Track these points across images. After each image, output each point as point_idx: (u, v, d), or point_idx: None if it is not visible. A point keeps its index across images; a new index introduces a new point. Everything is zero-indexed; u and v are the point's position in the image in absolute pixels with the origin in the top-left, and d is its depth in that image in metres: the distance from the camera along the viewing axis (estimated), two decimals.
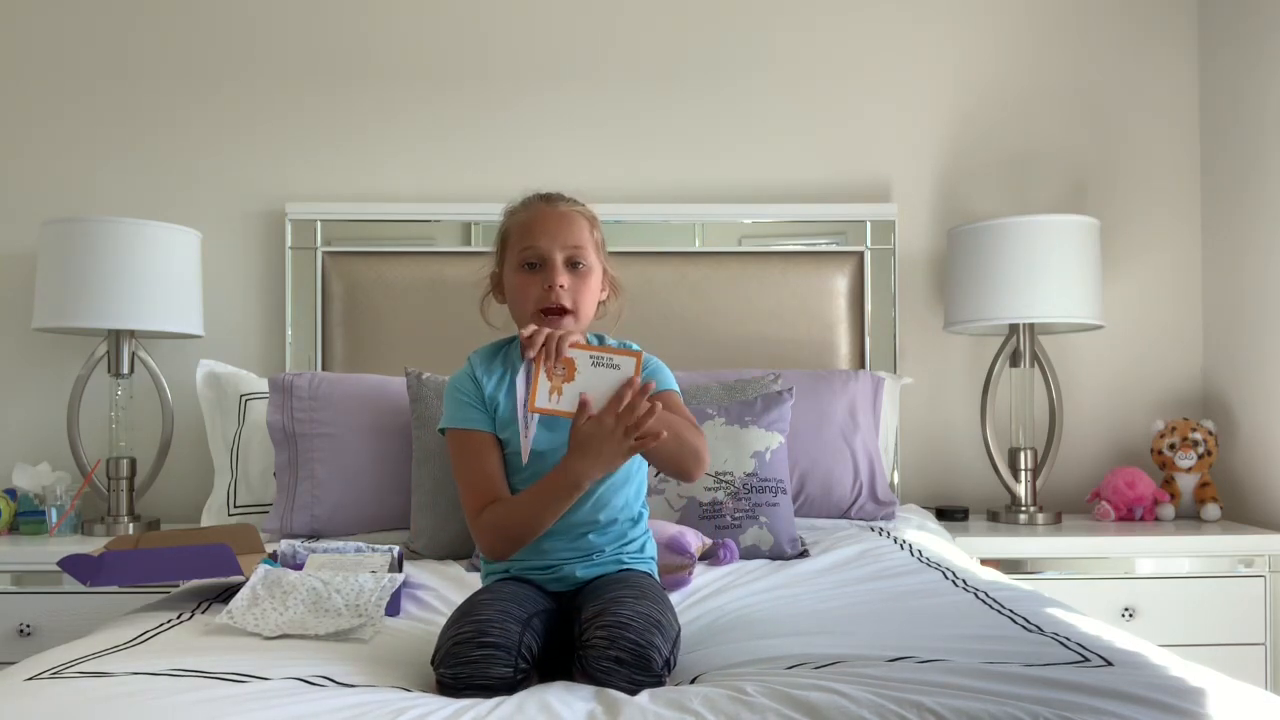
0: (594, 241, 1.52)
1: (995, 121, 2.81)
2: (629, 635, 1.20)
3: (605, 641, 1.20)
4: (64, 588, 2.23)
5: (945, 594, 1.58)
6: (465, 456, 1.46)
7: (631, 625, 1.21)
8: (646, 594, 1.31)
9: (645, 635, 1.21)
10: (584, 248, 1.49)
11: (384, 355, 2.61)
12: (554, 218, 1.50)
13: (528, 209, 1.52)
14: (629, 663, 1.19)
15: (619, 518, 1.48)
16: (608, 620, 1.23)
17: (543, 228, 1.48)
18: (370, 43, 2.78)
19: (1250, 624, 2.31)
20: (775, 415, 2.14)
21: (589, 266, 1.49)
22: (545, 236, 1.48)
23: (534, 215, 1.50)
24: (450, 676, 1.19)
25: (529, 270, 1.48)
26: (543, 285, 1.46)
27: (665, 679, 1.23)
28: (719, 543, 1.95)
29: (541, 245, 1.47)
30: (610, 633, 1.21)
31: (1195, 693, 1.03)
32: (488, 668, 1.18)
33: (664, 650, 1.22)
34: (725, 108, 2.79)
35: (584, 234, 1.50)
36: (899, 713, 0.99)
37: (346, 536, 2.14)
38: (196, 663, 1.21)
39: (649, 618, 1.24)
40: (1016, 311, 2.48)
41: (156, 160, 2.75)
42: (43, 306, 2.41)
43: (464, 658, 1.19)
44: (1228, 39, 2.70)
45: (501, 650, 1.20)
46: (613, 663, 1.19)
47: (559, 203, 1.52)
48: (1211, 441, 2.59)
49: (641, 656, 1.19)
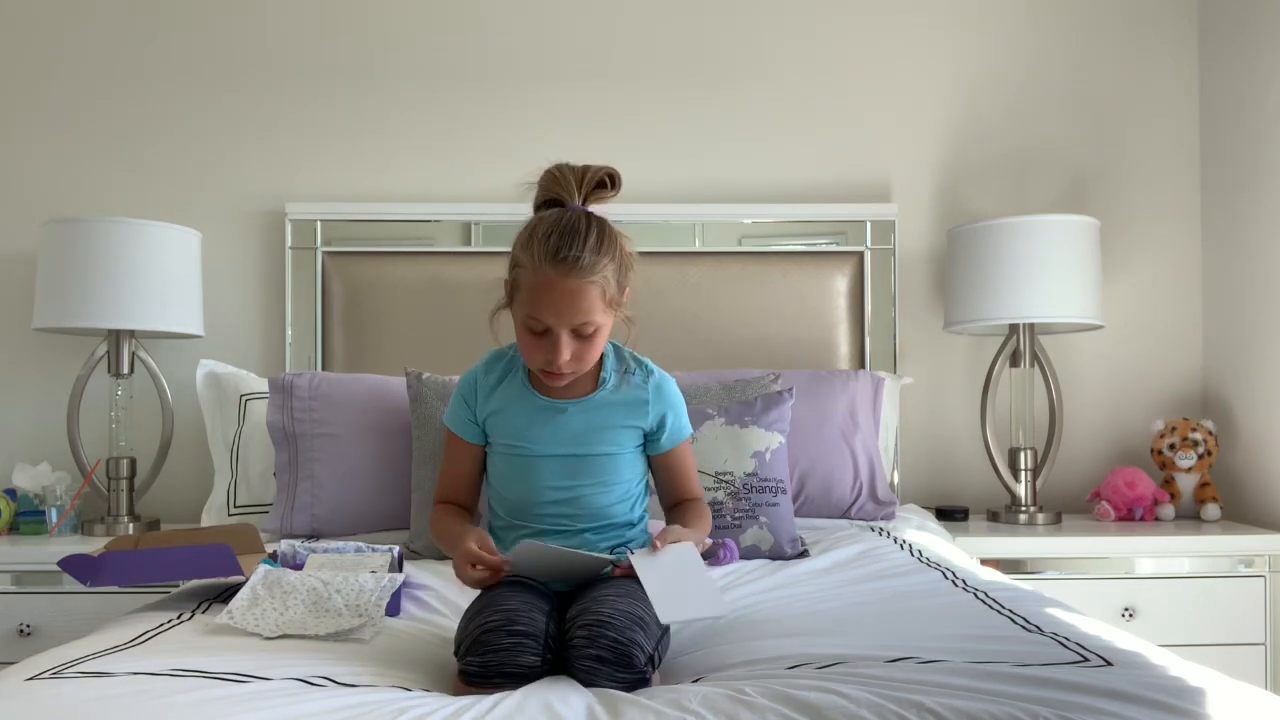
0: (606, 301, 1.39)
1: (995, 121, 2.81)
2: (609, 634, 1.20)
3: (585, 640, 1.20)
4: (64, 588, 2.24)
5: (945, 594, 1.58)
6: (446, 451, 1.58)
7: (612, 623, 1.21)
8: (630, 591, 1.31)
9: (626, 633, 1.21)
10: (593, 318, 1.38)
11: (384, 355, 2.61)
12: (563, 294, 1.36)
13: (537, 272, 1.36)
14: (610, 661, 1.19)
15: (619, 523, 1.50)
16: (588, 619, 1.23)
17: (550, 303, 1.36)
18: (370, 43, 2.78)
19: (1250, 624, 2.31)
20: (775, 415, 2.14)
21: (598, 328, 1.40)
22: (552, 313, 1.37)
23: (542, 284, 1.36)
24: (479, 665, 1.19)
25: (534, 332, 1.41)
26: (547, 352, 1.40)
27: (650, 675, 1.23)
28: (719, 543, 1.95)
29: (548, 320, 1.38)
30: (591, 631, 1.21)
31: (1195, 692, 1.03)
32: (518, 655, 1.19)
33: (646, 647, 1.22)
34: (725, 107, 2.79)
35: (594, 305, 1.38)
36: (899, 713, 0.99)
37: (346, 536, 2.14)
38: (196, 663, 1.21)
39: (630, 615, 1.24)
40: (1016, 311, 2.48)
41: (156, 160, 2.75)
42: (43, 306, 2.41)
43: (494, 645, 1.19)
44: (1228, 39, 2.70)
45: (530, 639, 1.20)
46: (594, 661, 1.19)
47: (572, 271, 1.35)
48: (1211, 441, 2.59)
49: (623, 654, 1.19)
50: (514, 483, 1.50)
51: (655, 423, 1.52)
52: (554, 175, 1.47)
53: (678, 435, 1.55)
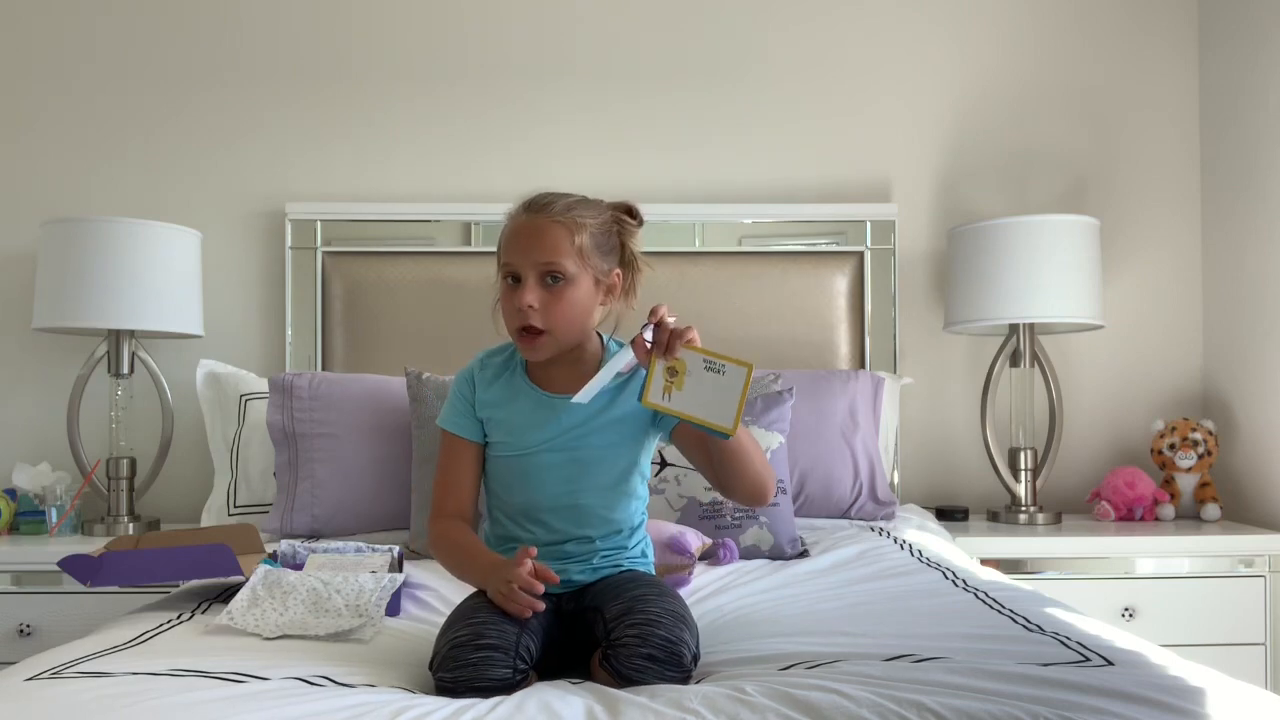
0: (576, 249, 1.38)
1: (995, 121, 2.81)
2: (660, 633, 1.21)
3: (637, 640, 1.21)
4: (64, 588, 2.23)
5: (945, 594, 1.58)
6: (445, 456, 1.50)
7: (661, 622, 1.23)
8: (666, 592, 1.33)
9: (675, 631, 1.23)
10: (559, 260, 1.37)
11: (384, 355, 2.61)
12: (527, 231, 1.39)
13: (512, 220, 1.42)
14: (661, 659, 1.20)
15: (622, 528, 1.48)
16: (637, 619, 1.24)
17: (515, 242, 1.39)
18: (370, 43, 2.77)
19: (1250, 624, 2.31)
20: (775, 415, 2.14)
21: (569, 278, 1.38)
22: (518, 252, 1.39)
23: (514, 229, 1.41)
24: (450, 680, 1.19)
25: (510, 286, 1.41)
26: (517, 304, 1.38)
27: (693, 674, 1.24)
28: (719, 543, 1.95)
29: (514, 261, 1.39)
30: (642, 631, 1.22)
31: (1195, 692, 1.03)
32: (487, 670, 1.19)
33: (692, 645, 1.24)
34: (725, 107, 2.79)
35: (560, 245, 1.37)
36: (899, 712, 0.99)
37: (346, 536, 2.14)
38: (196, 663, 1.21)
39: (675, 614, 1.26)
40: (1016, 311, 2.48)
41: (156, 160, 2.75)
42: (43, 306, 2.41)
43: (463, 661, 1.19)
44: (1228, 39, 2.70)
45: (499, 652, 1.20)
46: (645, 660, 1.20)
47: (541, 212, 1.39)
48: (1211, 441, 2.58)
49: (673, 653, 1.21)
50: (516, 487, 1.47)
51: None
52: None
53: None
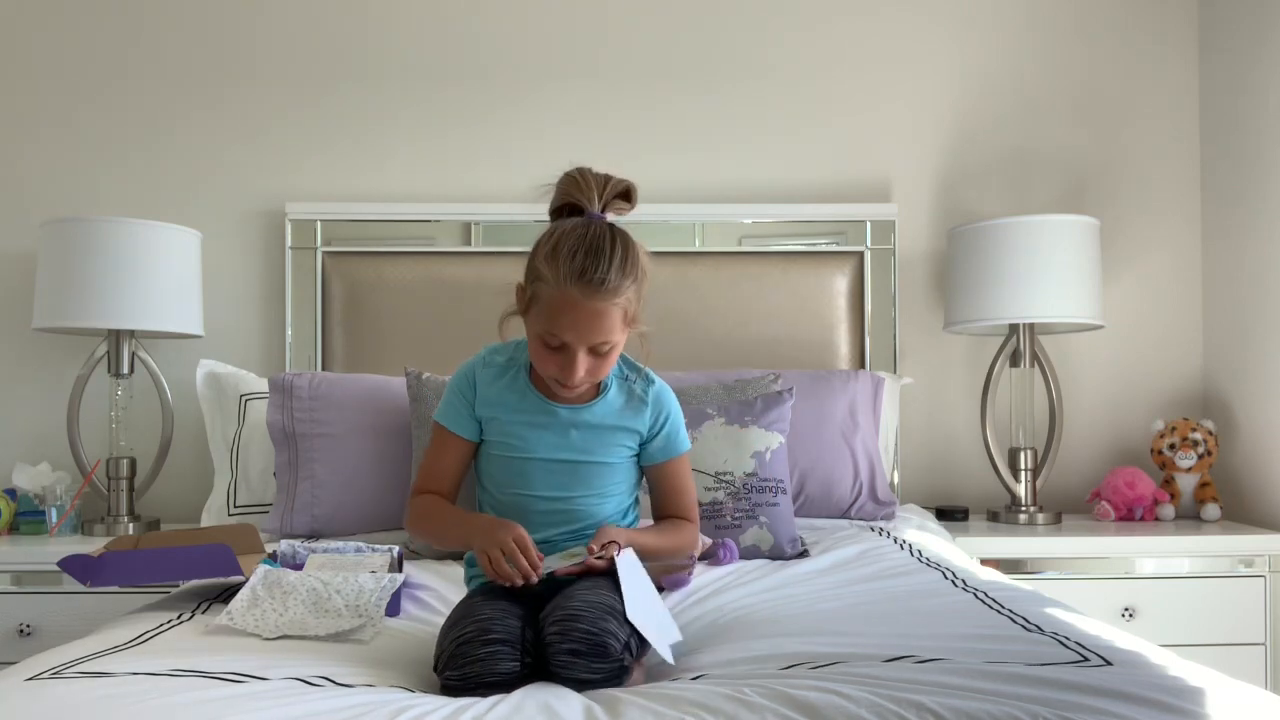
0: (624, 321, 1.38)
1: (995, 122, 2.81)
2: (580, 626, 1.20)
3: (559, 636, 1.20)
4: (64, 588, 2.24)
5: (945, 594, 1.58)
6: (434, 447, 1.53)
7: (582, 615, 1.21)
8: (602, 584, 1.31)
9: (598, 623, 1.20)
10: (611, 339, 1.37)
11: (384, 355, 2.61)
12: (585, 316, 1.34)
13: (560, 290, 1.33)
14: (585, 652, 1.19)
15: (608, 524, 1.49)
16: (558, 615, 1.23)
17: (571, 323, 1.34)
18: (370, 43, 2.78)
19: (1250, 624, 2.31)
20: (775, 415, 2.14)
21: (614, 345, 1.39)
22: (572, 332, 1.35)
23: (565, 303, 1.33)
24: (458, 678, 1.18)
25: (550, 347, 1.38)
26: (562, 367, 1.38)
27: (628, 663, 1.22)
28: (719, 543, 1.95)
29: (566, 338, 1.36)
30: (563, 626, 1.21)
31: (1195, 692, 1.03)
32: (495, 664, 1.18)
33: (620, 635, 1.21)
34: (725, 107, 2.79)
35: (615, 325, 1.36)
36: (898, 713, 0.99)
37: (346, 536, 2.14)
38: (196, 663, 1.21)
39: (601, 605, 1.23)
40: (1016, 311, 2.48)
41: (156, 160, 2.75)
42: (43, 306, 2.41)
43: (471, 657, 1.19)
44: (1228, 39, 2.70)
45: (507, 645, 1.20)
46: (569, 655, 1.19)
47: (596, 293, 1.32)
48: (1211, 441, 2.58)
49: (596, 644, 1.19)
50: (507, 486, 1.48)
51: (652, 428, 1.51)
52: (575, 180, 1.44)
53: (673, 447, 1.54)
